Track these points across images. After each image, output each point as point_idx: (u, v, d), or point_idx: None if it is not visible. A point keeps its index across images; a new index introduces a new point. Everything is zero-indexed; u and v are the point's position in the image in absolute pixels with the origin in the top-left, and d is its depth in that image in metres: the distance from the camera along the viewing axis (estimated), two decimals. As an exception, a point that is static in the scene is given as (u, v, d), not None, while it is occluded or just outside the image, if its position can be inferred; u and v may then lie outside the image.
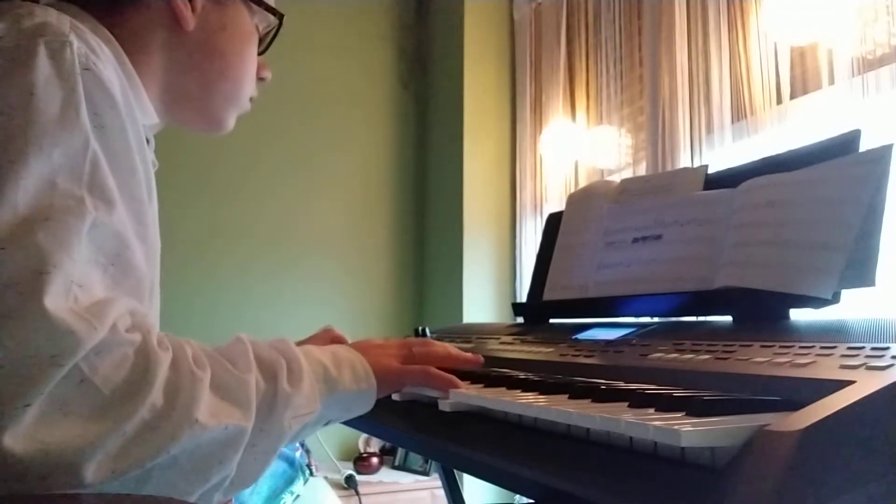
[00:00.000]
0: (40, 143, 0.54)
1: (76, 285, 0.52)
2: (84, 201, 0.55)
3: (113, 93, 0.61)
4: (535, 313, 1.26)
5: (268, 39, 0.89)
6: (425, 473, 2.47)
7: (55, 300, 0.50)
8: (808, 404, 0.47)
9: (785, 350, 0.64)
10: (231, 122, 0.88)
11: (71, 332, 0.49)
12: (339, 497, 2.12)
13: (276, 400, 0.62)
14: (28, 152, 0.53)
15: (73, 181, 0.55)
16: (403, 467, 2.54)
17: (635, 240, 1.05)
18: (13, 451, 0.47)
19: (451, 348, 0.87)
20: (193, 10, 0.78)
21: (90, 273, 0.55)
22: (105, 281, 0.57)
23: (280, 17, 0.87)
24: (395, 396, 0.84)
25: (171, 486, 0.55)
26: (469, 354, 0.87)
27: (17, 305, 0.48)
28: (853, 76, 1.40)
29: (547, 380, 0.75)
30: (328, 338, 0.90)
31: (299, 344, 0.74)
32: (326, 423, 0.73)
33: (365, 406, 0.75)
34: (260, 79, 0.89)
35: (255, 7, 0.84)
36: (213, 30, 0.80)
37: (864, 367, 0.53)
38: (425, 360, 0.81)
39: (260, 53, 0.88)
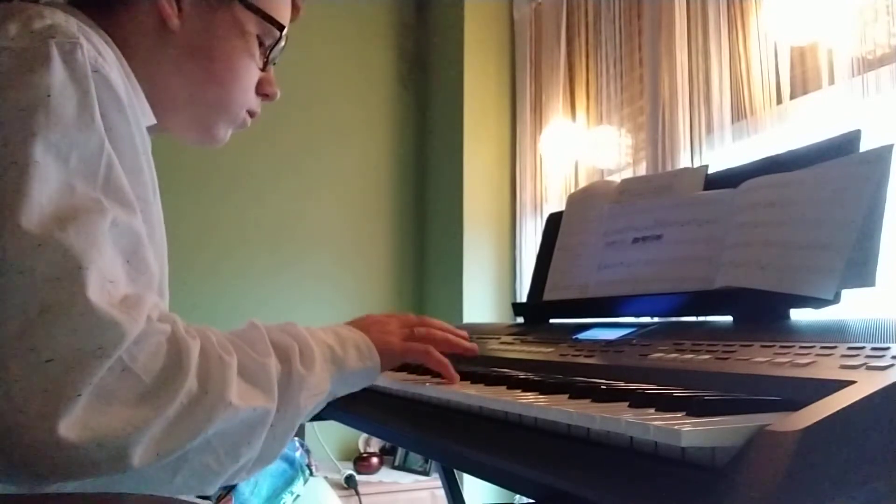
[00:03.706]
0: (59, 145, 0.55)
1: (108, 281, 0.54)
2: (101, 202, 0.56)
3: (119, 95, 0.62)
4: (535, 313, 1.26)
5: (273, 54, 0.83)
6: (425, 473, 2.47)
7: (97, 294, 0.52)
8: (808, 404, 0.47)
9: (785, 350, 0.64)
10: (222, 134, 0.84)
11: (116, 325, 0.52)
12: (339, 497, 2.12)
13: (291, 381, 0.66)
14: (48, 154, 0.54)
15: (89, 183, 0.57)
16: (403, 467, 2.54)
17: (635, 240, 1.05)
18: (69, 440, 0.49)
19: (449, 331, 0.89)
20: (180, 9, 0.75)
21: (116, 270, 0.57)
22: (124, 279, 0.58)
23: (280, 28, 0.81)
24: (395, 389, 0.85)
25: (206, 468, 0.58)
26: (466, 342, 0.89)
27: (61, 300, 0.50)
28: (853, 76, 1.40)
29: (547, 380, 0.75)
30: None
31: None
32: (333, 397, 0.76)
33: (369, 381, 0.79)
34: (263, 95, 0.85)
35: (252, 15, 0.79)
36: (199, 32, 0.76)
37: (864, 367, 0.53)
38: (426, 342, 0.84)
39: (262, 68, 0.83)
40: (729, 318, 0.88)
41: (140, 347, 0.54)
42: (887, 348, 0.55)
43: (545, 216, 1.56)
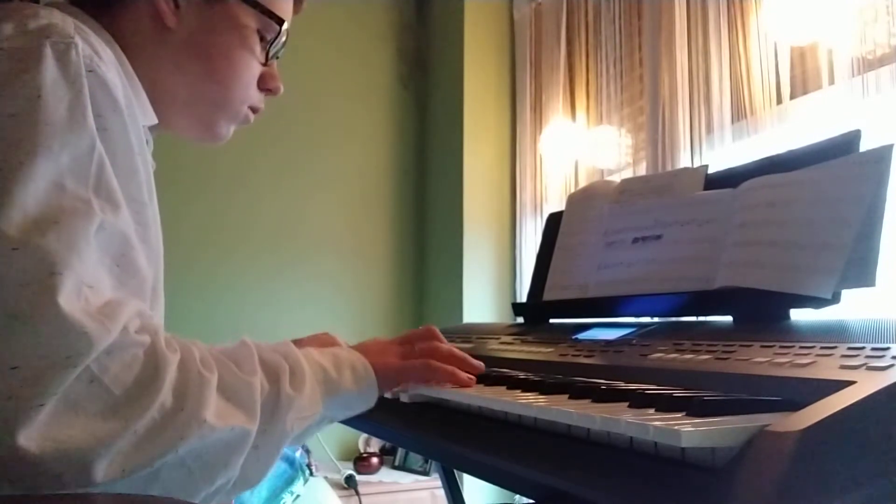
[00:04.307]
0: (49, 145, 0.54)
1: (86, 287, 0.53)
2: (91, 203, 0.55)
3: (116, 95, 0.61)
4: (535, 313, 1.26)
5: (275, 48, 0.81)
6: (425, 473, 2.47)
7: (69, 301, 0.50)
8: (808, 404, 0.47)
9: (785, 350, 0.64)
10: (224, 132, 0.83)
11: (85, 333, 0.50)
12: (339, 497, 2.12)
13: (279, 402, 0.63)
14: (37, 154, 0.53)
15: (80, 184, 0.55)
16: (403, 467, 2.54)
17: (635, 240, 1.05)
18: (29, 451, 0.47)
19: (455, 349, 0.85)
20: (177, 6, 0.74)
21: (98, 275, 0.55)
22: (111, 282, 0.57)
23: (280, 21, 0.80)
24: (403, 398, 0.83)
25: (178, 488, 0.56)
26: (473, 360, 0.84)
27: (31, 306, 0.49)
28: (853, 76, 1.40)
29: (547, 380, 0.74)
30: (324, 340, 0.87)
31: (296, 343, 0.75)
32: (330, 422, 0.74)
33: (367, 404, 0.76)
34: (266, 90, 0.84)
35: (250, 9, 0.78)
36: (197, 29, 0.76)
37: (864, 367, 0.53)
38: (428, 356, 0.81)
39: (265, 63, 0.82)
40: (729, 318, 0.88)
41: (112, 358, 0.52)
42: (887, 348, 0.55)
43: (545, 216, 1.56)
